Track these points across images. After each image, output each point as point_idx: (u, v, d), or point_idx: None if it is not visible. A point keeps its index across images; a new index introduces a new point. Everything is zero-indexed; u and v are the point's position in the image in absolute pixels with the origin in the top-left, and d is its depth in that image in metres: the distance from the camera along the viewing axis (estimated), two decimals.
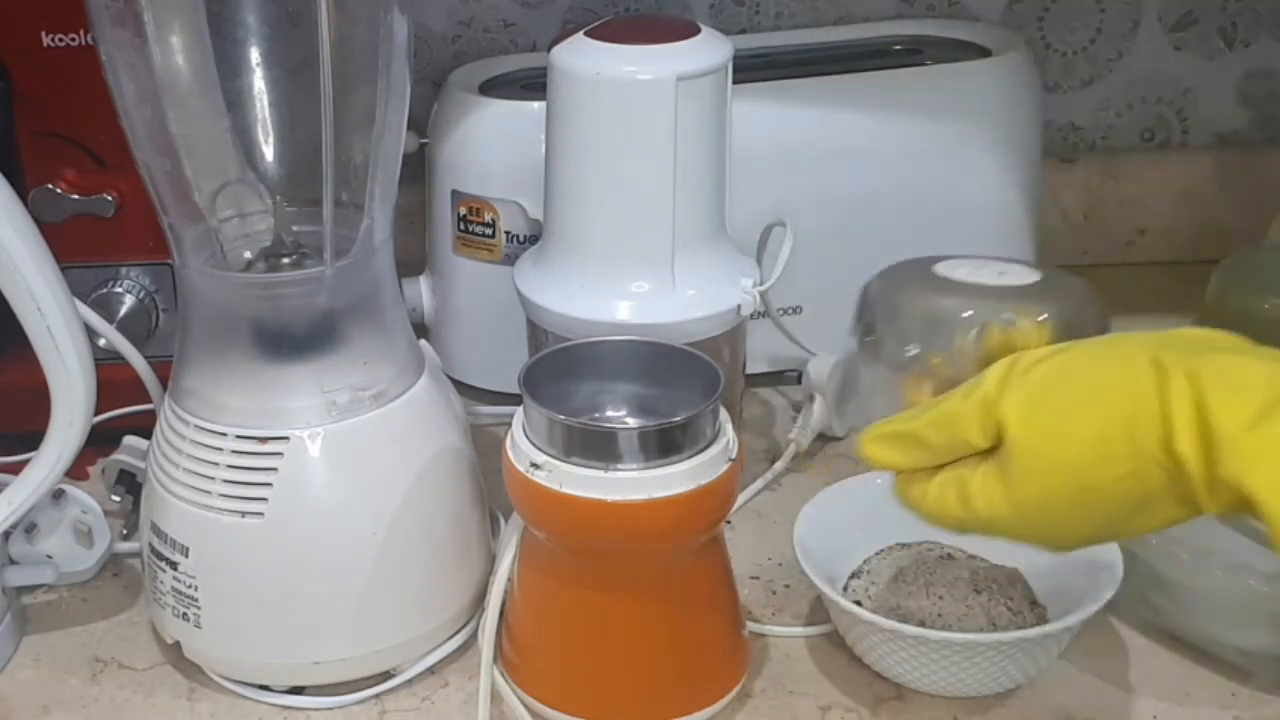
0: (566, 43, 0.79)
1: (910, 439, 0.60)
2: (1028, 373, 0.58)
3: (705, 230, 0.81)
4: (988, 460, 0.58)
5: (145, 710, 0.72)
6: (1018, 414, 0.57)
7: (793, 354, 0.94)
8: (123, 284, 0.87)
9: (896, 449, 0.61)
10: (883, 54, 1.00)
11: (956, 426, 0.58)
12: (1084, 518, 0.57)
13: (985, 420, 0.58)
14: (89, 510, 0.79)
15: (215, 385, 0.70)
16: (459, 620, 0.74)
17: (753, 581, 0.80)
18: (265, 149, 0.72)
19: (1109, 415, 0.55)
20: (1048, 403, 0.57)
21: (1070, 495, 0.56)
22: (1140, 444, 0.54)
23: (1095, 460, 0.55)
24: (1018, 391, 0.57)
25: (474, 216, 0.93)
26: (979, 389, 0.58)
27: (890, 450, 0.61)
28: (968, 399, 0.58)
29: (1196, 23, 1.11)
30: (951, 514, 0.60)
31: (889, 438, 0.61)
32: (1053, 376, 0.57)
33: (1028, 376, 0.57)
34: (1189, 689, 0.71)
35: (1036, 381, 0.57)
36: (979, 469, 0.58)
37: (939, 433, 0.59)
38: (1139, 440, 0.54)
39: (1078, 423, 0.55)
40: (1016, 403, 0.57)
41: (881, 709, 0.71)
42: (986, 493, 0.58)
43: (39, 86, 0.82)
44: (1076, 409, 0.56)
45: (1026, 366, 0.58)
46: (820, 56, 0.99)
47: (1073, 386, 0.57)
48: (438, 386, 0.75)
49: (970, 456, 0.59)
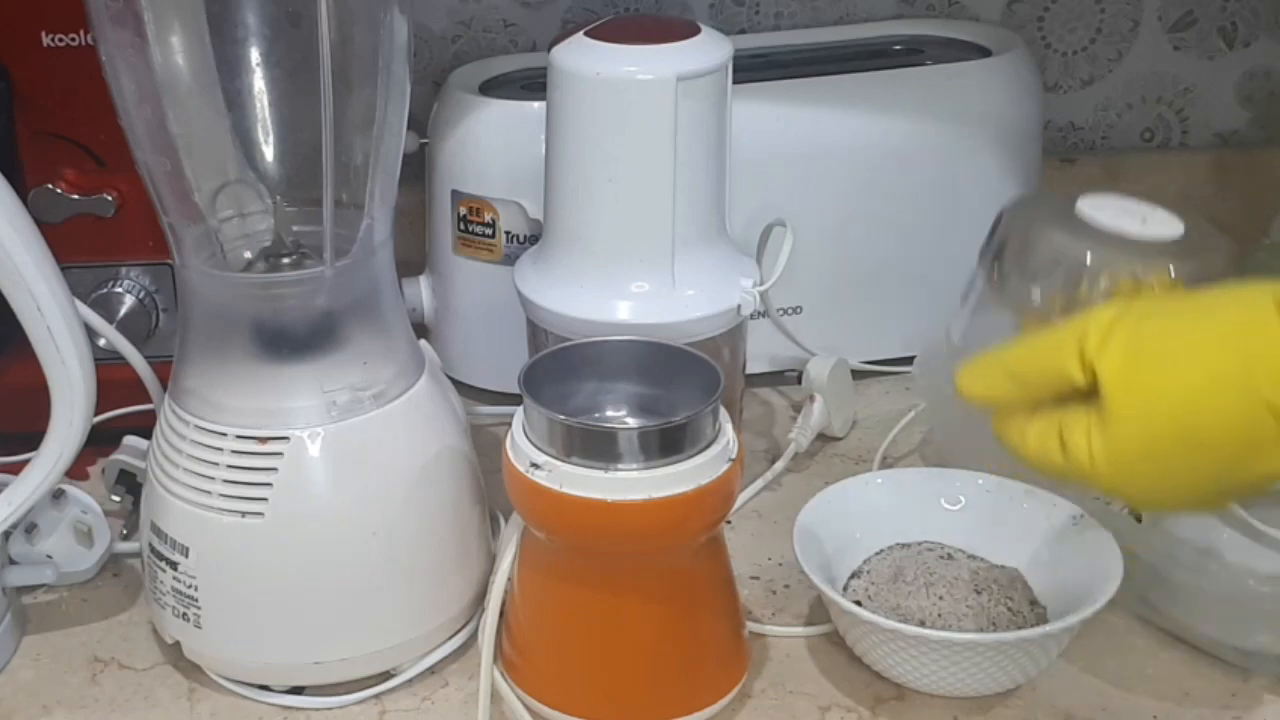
0: (566, 43, 0.79)
1: (1005, 371, 0.58)
2: (1136, 324, 0.56)
3: (705, 230, 0.81)
4: (1089, 407, 0.57)
5: (145, 710, 0.72)
6: (1115, 366, 0.55)
7: (793, 354, 0.94)
8: (123, 284, 0.87)
9: (991, 381, 0.59)
10: (883, 54, 1.00)
11: (1053, 360, 0.57)
12: (1187, 467, 0.55)
13: (1084, 358, 0.56)
14: (89, 510, 0.79)
15: (215, 385, 0.70)
16: (459, 620, 0.74)
17: (753, 581, 0.80)
18: (265, 149, 0.72)
19: (1223, 356, 0.53)
20: (1150, 353, 0.55)
21: (1172, 443, 0.54)
22: (1255, 386, 0.52)
23: (1201, 403, 0.53)
24: (1119, 343, 0.55)
25: (474, 216, 0.93)
26: (1080, 325, 0.56)
27: (984, 382, 0.59)
28: (1066, 332, 0.57)
29: (1196, 23, 1.11)
30: (1053, 461, 0.58)
31: (984, 368, 0.59)
32: (1161, 325, 0.56)
33: (1134, 328, 0.56)
34: (1189, 689, 0.71)
35: (1141, 333, 0.56)
36: (1083, 418, 0.57)
37: (1035, 365, 0.57)
38: (1254, 382, 0.52)
39: (1183, 368, 0.54)
40: (1115, 354, 0.55)
41: (881, 709, 0.71)
42: (1086, 442, 0.56)
43: (39, 86, 0.82)
44: (1183, 353, 0.54)
45: (1137, 317, 0.56)
46: (820, 56, 1.00)
47: (1182, 331, 0.55)
48: (438, 386, 0.75)
49: (1074, 399, 0.57)
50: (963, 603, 0.71)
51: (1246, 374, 0.53)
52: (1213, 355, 0.54)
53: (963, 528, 0.76)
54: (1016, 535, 0.75)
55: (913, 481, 0.79)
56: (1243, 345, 0.53)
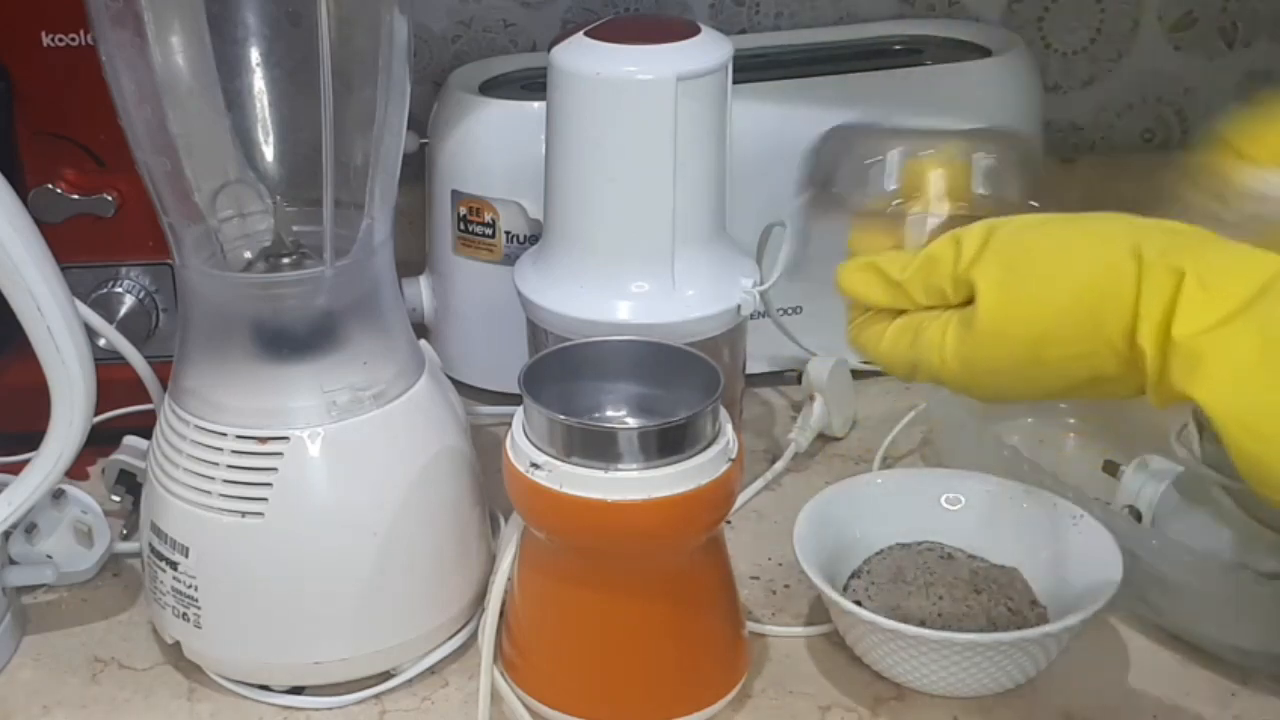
0: (566, 43, 0.79)
1: (888, 276, 0.61)
2: (1009, 240, 0.59)
3: (705, 230, 0.81)
4: (952, 313, 0.59)
5: (145, 710, 0.72)
6: (991, 278, 0.58)
7: (793, 354, 0.94)
8: (123, 284, 0.87)
9: (874, 283, 0.62)
10: (883, 54, 1.00)
11: (933, 273, 0.60)
12: (1028, 387, 0.58)
13: (959, 275, 0.59)
14: (89, 510, 0.79)
15: (215, 385, 0.70)
16: (459, 620, 0.74)
17: (753, 581, 0.80)
18: (265, 149, 0.72)
19: (1078, 295, 0.55)
20: (1022, 272, 0.57)
21: (1022, 364, 0.57)
22: (1103, 329, 0.55)
23: (1055, 336, 0.56)
24: (995, 255, 0.58)
25: (474, 216, 0.93)
26: (960, 242, 0.59)
27: (868, 284, 0.62)
28: (942, 245, 0.60)
29: (1196, 23, 1.11)
30: (902, 355, 0.61)
31: (869, 270, 0.62)
32: (1031, 246, 0.58)
33: (1008, 243, 0.58)
34: (1189, 689, 0.71)
35: (1015, 249, 0.58)
36: (941, 317, 0.60)
37: (916, 276, 0.60)
38: (1103, 325, 0.55)
39: (1046, 297, 0.56)
40: (992, 266, 0.58)
41: (881, 709, 0.71)
42: (942, 342, 0.59)
43: (39, 86, 0.82)
44: (1048, 282, 0.57)
45: (1009, 234, 0.59)
46: (820, 56, 0.99)
47: (1049, 259, 0.57)
48: (438, 386, 0.75)
49: (934, 309, 0.60)
50: (963, 603, 0.71)
51: (1096, 318, 0.55)
52: (1068, 290, 0.56)
53: (963, 528, 0.76)
54: (1016, 535, 0.75)
55: (913, 481, 0.79)
56: (1095, 286, 0.55)
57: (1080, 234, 0.58)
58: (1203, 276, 0.53)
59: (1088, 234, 0.58)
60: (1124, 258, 0.55)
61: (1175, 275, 0.53)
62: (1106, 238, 0.56)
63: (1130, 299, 0.54)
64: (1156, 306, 0.53)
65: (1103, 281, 0.55)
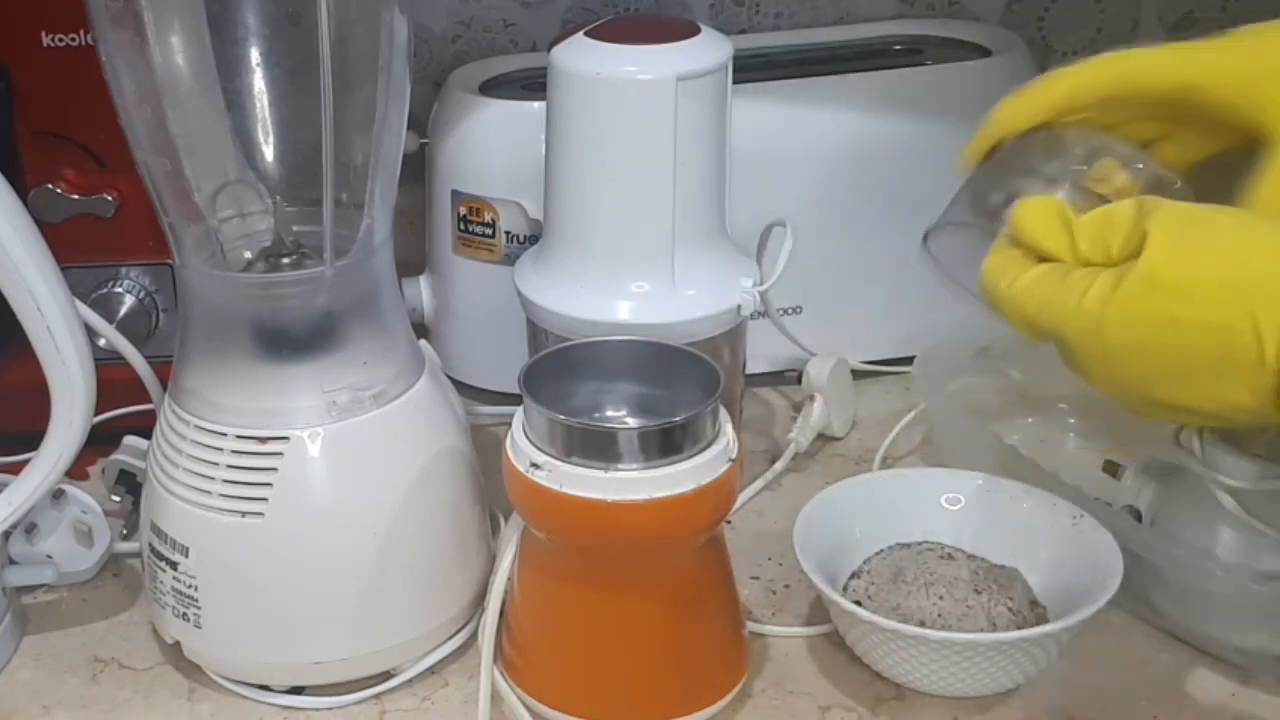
0: (566, 43, 0.79)
1: (1065, 218, 0.62)
2: (1191, 210, 0.60)
3: (705, 230, 0.81)
4: (1108, 270, 0.60)
5: (145, 710, 0.72)
6: (1166, 228, 0.58)
7: (793, 354, 0.94)
8: (123, 284, 0.87)
9: (1049, 221, 0.62)
10: (883, 54, 1.00)
11: (1108, 227, 0.60)
12: (1147, 362, 0.58)
13: (1133, 230, 0.59)
14: (89, 510, 0.79)
15: (215, 385, 0.70)
16: (459, 620, 0.74)
17: (753, 581, 0.80)
18: (265, 149, 0.72)
19: (1241, 264, 0.56)
20: (1196, 233, 0.58)
21: (1156, 325, 0.57)
22: (1251, 306, 0.55)
23: (1203, 297, 0.56)
24: (1175, 214, 0.59)
25: (474, 216, 0.93)
26: (1142, 203, 0.60)
27: (1043, 221, 0.62)
28: (1127, 207, 0.60)
29: (1197, 22, 1.10)
30: (1040, 296, 0.61)
31: (1049, 208, 0.63)
32: (1212, 218, 0.59)
33: (1189, 210, 0.60)
34: (1189, 689, 0.71)
35: (1196, 215, 0.59)
36: (1094, 271, 0.60)
37: (1090, 225, 0.61)
38: (1254, 303, 0.55)
39: (1209, 261, 0.57)
40: (1171, 220, 0.58)
41: (881, 709, 0.71)
42: (1088, 286, 0.59)
43: (39, 86, 0.82)
44: (1215, 250, 0.57)
45: (1192, 208, 0.60)
46: (820, 56, 1.00)
47: (1226, 232, 0.58)
48: (438, 386, 0.75)
49: (1090, 267, 0.61)
50: (963, 603, 0.71)
51: (1254, 288, 0.56)
52: (1239, 256, 0.57)
53: (963, 528, 0.76)
54: (1016, 535, 0.75)
55: (913, 481, 0.79)
56: (1261, 261, 0.56)
57: (1261, 223, 0.59)
58: None
59: (1269, 227, 0.58)
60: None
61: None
62: (1263, 227, 0.58)
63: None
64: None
65: (1265, 261, 0.56)
